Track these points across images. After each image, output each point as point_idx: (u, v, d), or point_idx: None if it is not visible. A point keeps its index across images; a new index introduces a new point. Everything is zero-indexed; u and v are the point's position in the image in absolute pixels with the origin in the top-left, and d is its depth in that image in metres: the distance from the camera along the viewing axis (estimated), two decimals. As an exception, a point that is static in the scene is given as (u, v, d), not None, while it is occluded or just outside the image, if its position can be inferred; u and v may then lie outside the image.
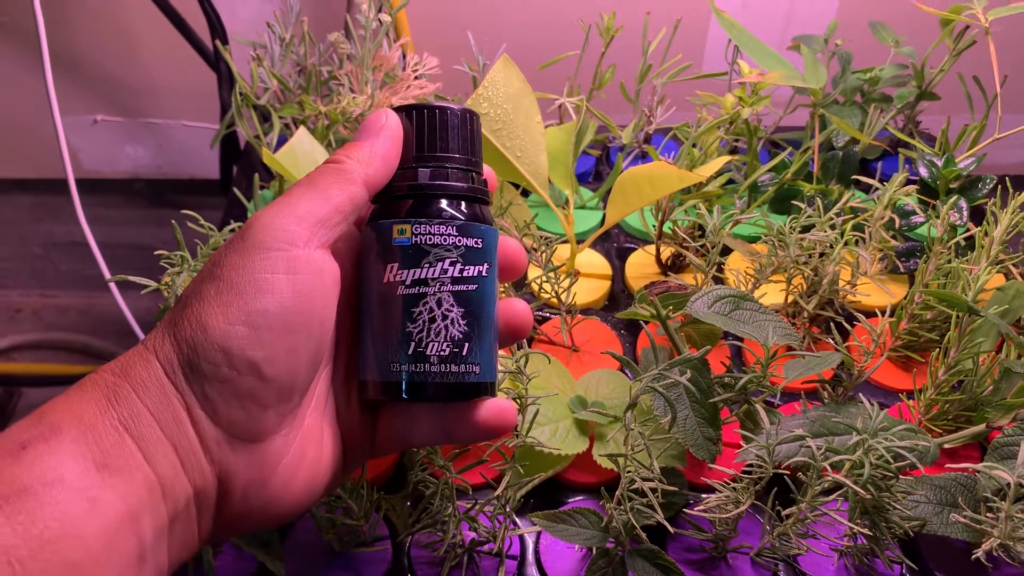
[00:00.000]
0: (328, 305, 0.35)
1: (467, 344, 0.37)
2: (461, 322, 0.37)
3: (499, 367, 0.49)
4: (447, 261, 0.36)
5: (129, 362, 0.34)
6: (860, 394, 0.52)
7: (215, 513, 0.35)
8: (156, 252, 0.52)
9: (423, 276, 0.36)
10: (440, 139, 0.37)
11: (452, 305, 0.36)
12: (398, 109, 0.38)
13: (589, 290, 0.72)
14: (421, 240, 0.36)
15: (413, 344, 0.36)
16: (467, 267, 0.37)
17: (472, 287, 0.37)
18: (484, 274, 0.37)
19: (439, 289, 0.36)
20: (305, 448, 0.37)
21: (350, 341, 0.40)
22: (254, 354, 0.33)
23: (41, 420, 0.31)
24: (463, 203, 0.37)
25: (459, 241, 0.37)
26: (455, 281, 0.36)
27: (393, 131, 0.37)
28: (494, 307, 0.38)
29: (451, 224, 0.37)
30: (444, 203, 0.37)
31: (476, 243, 0.37)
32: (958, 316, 0.56)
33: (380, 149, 0.37)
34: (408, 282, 0.36)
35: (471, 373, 0.37)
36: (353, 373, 0.40)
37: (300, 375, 0.35)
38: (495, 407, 0.39)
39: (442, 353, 0.36)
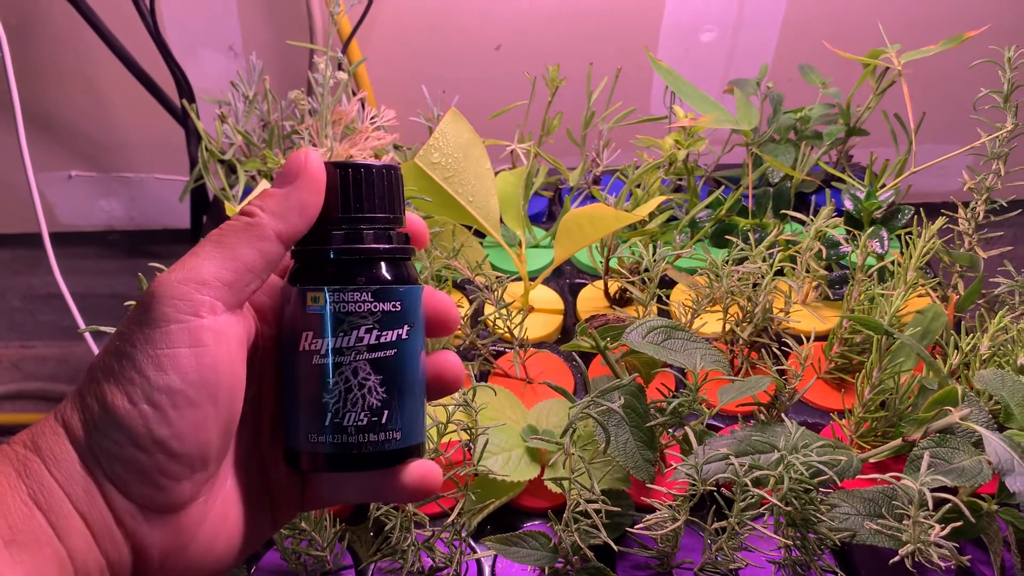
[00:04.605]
0: (235, 371, 0.34)
1: (386, 412, 0.36)
2: (379, 390, 0.36)
3: (450, 400, 0.53)
4: (363, 329, 0.35)
5: (39, 434, 0.33)
6: (790, 414, 0.56)
7: None
8: (126, 303, 0.55)
9: (338, 346, 0.35)
10: (356, 199, 0.36)
11: (369, 374, 0.35)
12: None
13: (542, 324, 0.76)
14: (335, 308, 0.35)
15: (330, 415, 0.35)
16: (384, 332, 0.36)
17: (390, 352, 0.36)
18: (404, 336, 0.36)
19: (355, 358, 0.35)
20: (227, 510, 0.36)
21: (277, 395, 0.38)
22: (160, 432, 0.32)
23: None
24: (380, 266, 0.36)
25: (375, 307, 0.35)
26: (371, 349, 0.35)
27: (312, 175, 0.35)
28: (418, 367, 0.37)
29: (366, 291, 0.35)
30: (359, 268, 0.36)
31: (394, 307, 0.36)
32: (879, 339, 0.60)
33: (296, 199, 0.34)
34: (323, 351, 0.35)
35: (391, 440, 0.36)
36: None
37: (211, 446, 0.34)
38: (418, 471, 0.37)
39: (359, 423, 0.35)
